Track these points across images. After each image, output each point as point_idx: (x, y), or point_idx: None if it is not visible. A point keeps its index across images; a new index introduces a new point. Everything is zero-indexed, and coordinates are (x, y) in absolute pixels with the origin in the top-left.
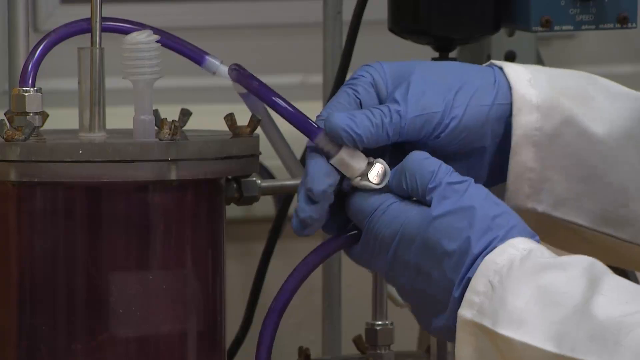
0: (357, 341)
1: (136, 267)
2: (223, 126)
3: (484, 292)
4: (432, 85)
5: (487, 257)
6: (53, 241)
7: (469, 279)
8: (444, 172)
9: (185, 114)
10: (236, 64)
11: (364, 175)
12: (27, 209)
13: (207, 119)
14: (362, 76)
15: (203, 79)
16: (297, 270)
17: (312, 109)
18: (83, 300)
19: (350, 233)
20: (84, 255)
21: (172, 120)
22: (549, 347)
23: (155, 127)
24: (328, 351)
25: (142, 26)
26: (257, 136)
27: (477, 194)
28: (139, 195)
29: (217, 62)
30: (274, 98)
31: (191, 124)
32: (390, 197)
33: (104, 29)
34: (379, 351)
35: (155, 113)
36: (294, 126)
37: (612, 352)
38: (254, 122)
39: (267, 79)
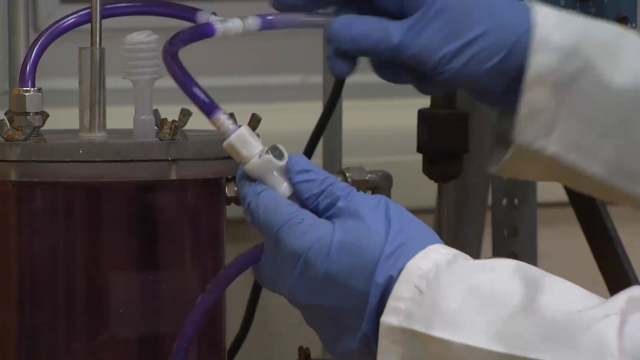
0: None
1: (136, 267)
2: None
3: (410, 298)
4: (449, 16)
5: (409, 263)
6: (53, 241)
7: (387, 285)
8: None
9: (185, 114)
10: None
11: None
12: (27, 208)
13: (207, 120)
14: None
15: (203, 79)
16: (199, 304)
17: (312, 109)
18: (83, 300)
19: (256, 248)
20: (84, 255)
21: (172, 120)
22: (496, 347)
23: (156, 127)
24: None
25: (131, 6)
26: (258, 135)
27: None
28: (139, 195)
29: (207, 14)
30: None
31: (191, 124)
32: (301, 210)
33: (107, 14)
34: None
35: (155, 113)
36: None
37: (570, 349)
38: (254, 122)
39: (268, 79)
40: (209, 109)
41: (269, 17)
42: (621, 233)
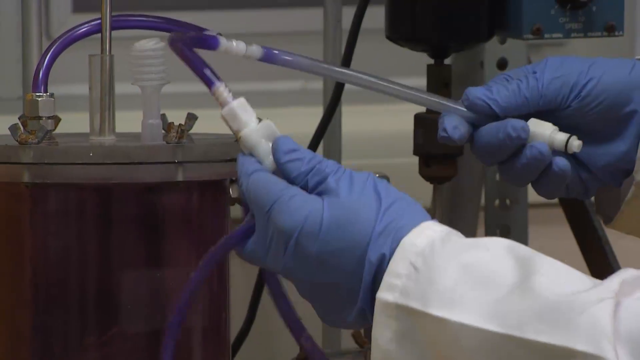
0: (355, 336)
1: (145, 265)
2: (227, 130)
3: (406, 275)
4: (568, 59)
5: (404, 240)
6: (65, 241)
7: (381, 263)
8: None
9: (192, 118)
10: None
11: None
12: (40, 209)
13: (212, 123)
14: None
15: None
16: (191, 280)
17: (312, 114)
18: (94, 297)
19: (243, 226)
20: (95, 254)
21: (179, 124)
22: (491, 326)
23: (163, 131)
24: (328, 345)
25: (140, 20)
26: None
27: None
28: (147, 196)
29: (214, 34)
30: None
31: (197, 128)
32: (291, 187)
33: (116, 26)
34: None
35: (163, 117)
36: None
37: (565, 331)
38: None
39: (271, 85)
40: (209, 81)
41: (273, 51)
42: (609, 233)
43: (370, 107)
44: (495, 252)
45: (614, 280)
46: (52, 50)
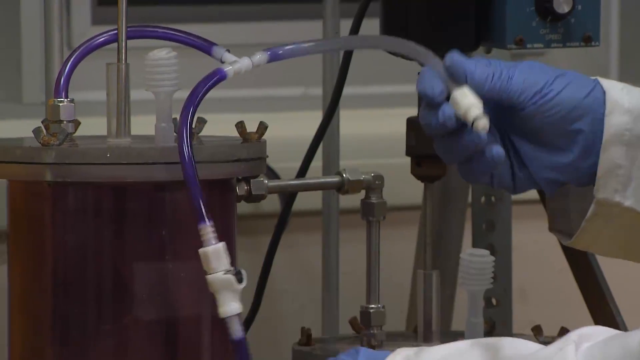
0: (352, 322)
1: (157, 257)
2: (234, 132)
3: None
4: (542, 67)
5: None
6: (83, 235)
7: None
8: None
9: (201, 122)
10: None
11: None
12: (60, 206)
13: (220, 127)
14: None
15: (217, 91)
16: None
17: (312, 117)
18: (110, 287)
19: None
20: (111, 247)
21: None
22: None
23: (174, 134)
24: (327, 331)
25: (154, 31)
26: (265, 141)
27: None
28: (159, 194)
29: (222, 50)
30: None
31: (206, 131)
32: None
33: (131, 37)
34: (372, 331)
35: (174, 121)
36: None
37: None
38: (262, 129)
39: (273, 90)
40: (201, 218)
41: (277, 51)
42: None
43: (367, 111)
44: (462, 347)
45: (573, 334)
46: (72, 58)
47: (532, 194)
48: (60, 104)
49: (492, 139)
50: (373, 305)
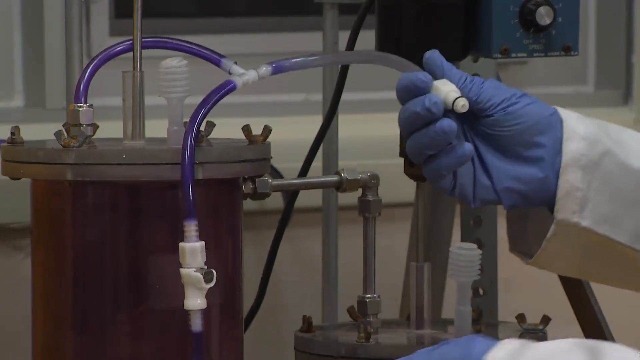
0: (350, 311)
1: (169, 251)
2: (241, 135)
3: None
4: (503, 85)
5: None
6: (101, 230)
7: None
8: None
9: (210, 125)
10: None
11: None
12: (80, 204)
13: (228, 130)
14: None
15: (225, 97)
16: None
17: (313, 121)
18: (125, 278)
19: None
20: (126, 242)
21: (200, 130)
22: None
23: None
24: (327, 319)
25: (168, 42)
26: (269, 143)
27: None
28: (171, 192)
29: (230, 63)
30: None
31: (215, 134)
32: None
33: (145, 46)
34: (368, 319)
35: (185, 125)
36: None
37: None
38: (266, 132)
39: (277, 97)
40: (190, 216)
41: (281, 64)
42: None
43: (363, 116)
44: (565, 347)
45: None
46: (91, 66)
47: None
48: (80, 109)
49: (461, 137)
50: (369, 295)
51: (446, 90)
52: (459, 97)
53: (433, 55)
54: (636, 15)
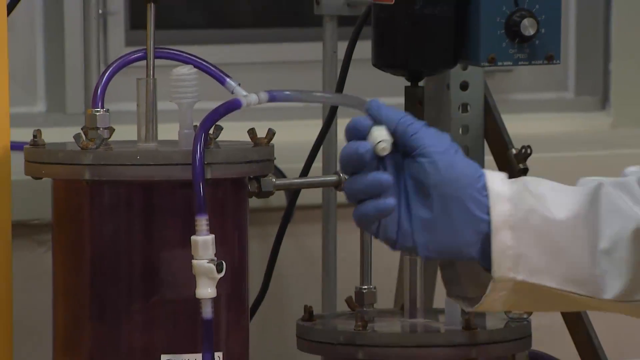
0: (348, 301)
1: (180, 246)
2: (246, 138)
3: None
4: (443, 137)
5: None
6: (117, 226)
7: None
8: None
9: (218, 129)
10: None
11: None
12: (97, 201)
13: (235, 133)
14: None
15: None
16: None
17: (314, 125)
18: (139, 271)
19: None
20: (140, 237)
21: (208, 134)
22: None
23: None
24: (326, 309)
25: (179, 54)
26: (273, 145)
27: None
28: (182, 191)
29: (234, 84)
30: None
31: (222, 136)
32: None
33: (158, 56)
34: (365, 309)
35: (195, 128)
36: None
37: None
38: (270, 134)
39: (281, 103)
40: (201, 211)
41: (274, 93)
42: None
43: None
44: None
45: None
46: (107, 72)
47: None
48: (97, 114)
49: (391, 191)
50: (366, 286)
51: (376, 135)
52: (381, 141)
53: (370, 103)
54: (613, 28)
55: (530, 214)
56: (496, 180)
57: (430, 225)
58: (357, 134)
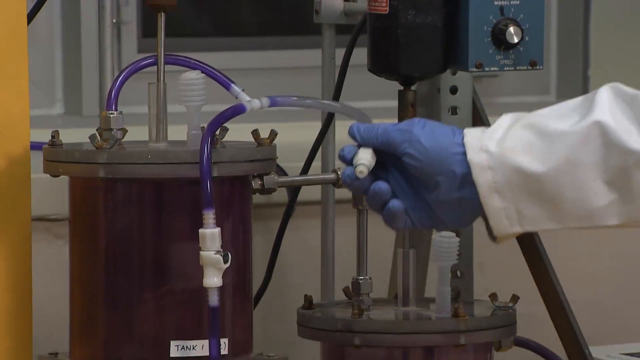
0: (345, 291)
1: (188, 239)
2: (250, 138)
3: None
4: (429, 127)
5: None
6: (129, 221)
7: None
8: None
9: (224, 130)
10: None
11: None
12: (111, 197)
13: (240, 134)
14: None
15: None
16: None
17: (313, 127)
18: (150, 262)
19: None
20: (151, 231)
21: (215, 135)
22: None
23: None
24: (325, 298)
25: (188, 60)
26: (275, 145)
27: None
28: (190, 187)
29: (238, 90)
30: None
31: (228, 137)
32: None
33: (167, 62)
34: (361, 298)
35: (202, 129)
36: None
37: None
38: (272, 135)
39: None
40: (208, 205)
41: (275, 98)
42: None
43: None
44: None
45: None
46: (120, 77)
47: None
48: (111, 116)
49: (392, 195)
50: (362, 277)
51: (357, 158)
52: (358, 165)
53: (351, 129)
54: (591, 36)
55: (511, 175)
56: (475, 148)
57: (436, 205)
58: (346, 162)
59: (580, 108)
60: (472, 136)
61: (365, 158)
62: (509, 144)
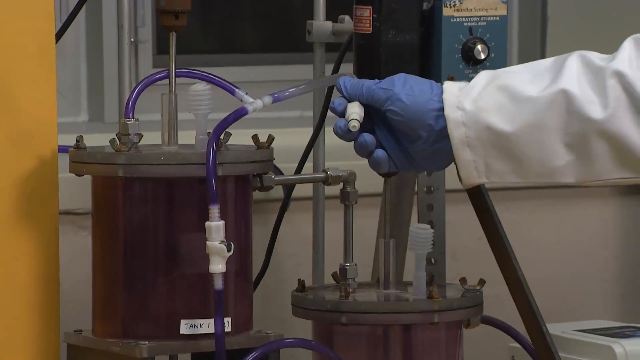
0: (334, 276)
1: (196, 230)
2: (251, 142)
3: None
4: (408, 82)
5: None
6: (145, 215)
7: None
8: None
9: (227, 135)
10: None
11: None
12: (129, 194)
13: (241, 138)
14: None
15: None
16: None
17: (306, 132)
18: (163, 251)
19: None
20: (164, 223)
21: (220, 139)
22: None
23: None
24: (316, 282)
25: (196, 73)
26: (272, 148)
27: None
28: (198, 185)
29: (242, 93)
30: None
31: (231, 141)
32: None
33: (178, 75)
34: (347, 282)
35: (209, 134)
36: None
37: None
38: (270, 140)
39: (279, 113)
40: (213, 201)
41: (276, 95)
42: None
43: None
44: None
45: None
46: (137, 89)
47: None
48: (129, 122)
49: (377, 144)
50: (348, 263)
51: (348, 112)
52: (351, 120)
53: (338, 83)
54: (547, 53)
55: (483, 132)
56: (452, 105)
57: (416, 154)
58: (337, 114)
59: (551, 70)
60: (450, 92)
61: (356, 112)
62: (483, 103)
